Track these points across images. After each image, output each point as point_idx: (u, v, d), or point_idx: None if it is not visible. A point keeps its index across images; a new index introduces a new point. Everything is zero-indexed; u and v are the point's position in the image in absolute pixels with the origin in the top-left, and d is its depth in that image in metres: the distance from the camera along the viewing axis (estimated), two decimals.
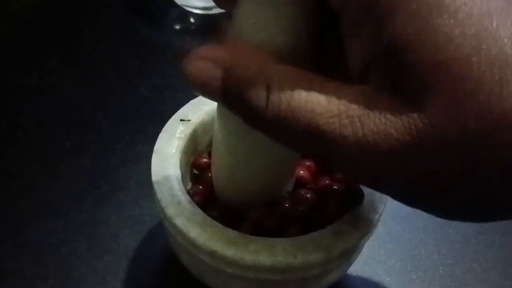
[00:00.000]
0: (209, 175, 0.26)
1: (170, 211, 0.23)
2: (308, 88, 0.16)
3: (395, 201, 0.34)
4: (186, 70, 0.18)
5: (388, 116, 0.15)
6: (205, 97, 0.18)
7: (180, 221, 0.22)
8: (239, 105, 0.17)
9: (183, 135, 0.26)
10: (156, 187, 0.24)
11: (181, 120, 0.27)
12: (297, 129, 0.16)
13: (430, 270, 0.31)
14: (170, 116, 0.39)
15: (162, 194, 0.23)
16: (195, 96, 0.41)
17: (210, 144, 0.29)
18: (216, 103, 0.23)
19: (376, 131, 0.15)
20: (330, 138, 0.16)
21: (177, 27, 0.50)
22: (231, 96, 0.17)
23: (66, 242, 0.30)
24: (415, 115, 0.14)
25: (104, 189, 0.33)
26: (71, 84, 0.41)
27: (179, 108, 0.40)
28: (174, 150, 0.25)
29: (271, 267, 0.21)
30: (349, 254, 0.23)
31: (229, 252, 0.21)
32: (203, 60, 0.18)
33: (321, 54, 0.19)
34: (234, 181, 0.24)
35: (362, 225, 0.23)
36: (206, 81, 0.17)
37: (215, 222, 0.22)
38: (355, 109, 0.15)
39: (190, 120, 0.27)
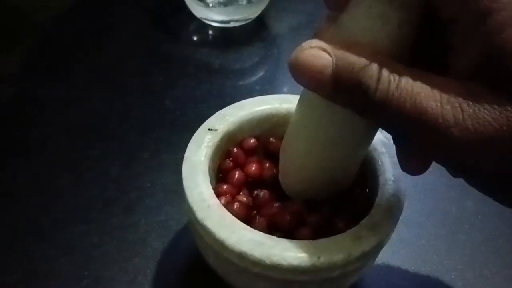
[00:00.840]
0: (234, 175, 0.28)
1: (201, 214, 0.25)
2: (414, 76, 0.18)
3: (407, 209, 0.36)
4: (297, 59, 0.19)
5: (488, 107, 0.17)
6: (312, 88, 0.20)
7: (210, 223, 0.24)
8: (349, 89, 0.19)
9: (210, 144, 0.28)
10: (187, 192, 0.26)
11: (209, 129, 0.29)
12: (403, 109, 0.18)
13: (442, 275, 0.33)
14: (192, 126, 0.40)
15: (193, 198, 0.25)
16: (215, 108, 0.44)
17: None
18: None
19: (475, 118, 0.17)
20: (432, 119, 0.17)
21: (196, 40, 0.52)
22: (341, 81, 0.19)
23: (98, 245, 0.32)
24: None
25: (131, 195, 0.35)
26: (97, 96, 0.44)
27: (200, 119, 0.42)
28: (203, 158, 0.27)
29: (296, 267, 0.23)
30: (368, 257, 0.25)
31: (256, 252, 0.23)
32: (316, 49, 0.19)
33: (419, 53, 0.21)
34: (302, 170, 0.26)
35: (380, 230, 0.25)
36: (317, 69, 0.19)
37: (243, 224, 0.24)
38: (457, 98, 0.17)
39: (217, 130, 0.29)
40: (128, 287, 0.30)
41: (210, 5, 0.51)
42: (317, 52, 0.19)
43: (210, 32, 0.52)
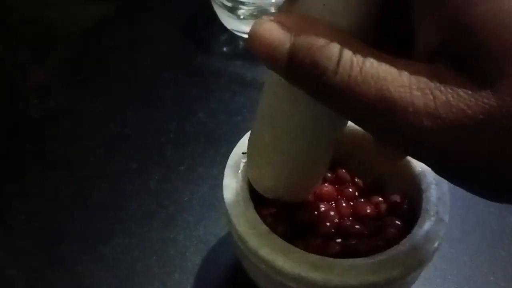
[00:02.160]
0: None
1: (253, 243, 0.25)
2: (379, 59, 0.16)
3: (448, 225, 0.35)
4: (255, 33, 0.18)
5: (461, 93, 0.15)
6: (267, 65, 0.18)
7: (264, 251, 0.24)
8: (306, 70, 0.17)
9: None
10: (234, 220, 0.25)
11: (243, 153, 0.28)
12: (367, 95, 0.16)
13: None
14: (226, 140, 0.41)
15: (241, 227, 0.25)
16: (249, 121, 0.44)
17: None
18: None
19: (448, 106, 0.15)
20: (400, 106, 0.16)
21: (228, 52, 0.53)
22: (298, 59, 0.17)
23: (140, 259, 0.32)
24: (488, 95, 0.15)
25: (170, 209, 0.36)
26: (133, 109, 0.44)
27: (234, 132, 0.43)
28: (241, 184, 0.27)
29: (357, 286, 0.23)
30: (424, 266, 0.25)
31: (317, 276, 0.23)
32: (273, 23, 0.17)
33: (383, 36, 0.19)
34: (272, 161, 0.24)
35: (432, 237, 0.25)
36: (274, 43, 0.17)
37: (296, 248, 0.24)
38: (427, 83, 0.16)
39: None
40: None
41: (241, 17, 0.51)
42: (275, 27, 0.17)
43: (241, 44, 0.53)
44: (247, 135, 0.30)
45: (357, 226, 0.27)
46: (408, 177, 0.29)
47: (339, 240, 0.27)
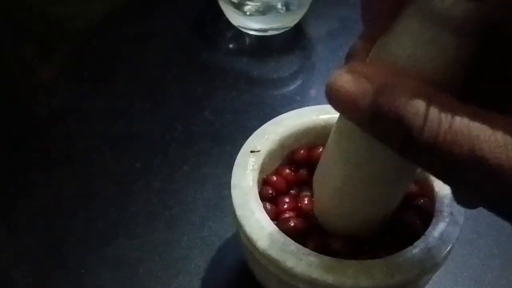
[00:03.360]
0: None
1: (263, 243, 0.24)
2: (470, 115, 0.15)
3: None
4: (334, 84, 0.17)
5: None
6: (348, 117, 0.18)
7: (275, 252, 0.23)
8: (389, 125, 0.16)
9: (256, 166, 0.28)
10: (243, 221, 0.25)
11: (251, 151, 0.28)
12: (457, 155, 0.15)
13: None
14: (232, 139, 0.41)
15: (251, 228, 0.24)
16: (255, 119, 0.43)
17: (275, 169, 0.30)
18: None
19: None
20: (495, 167, 0.15)
21: (234, 48, 0.52)
22: (381, 114, 0.16)
23: (143, 261, 0.32)
24: None
25: (174, 210, 0.35)
26: (139, 107, 0.44)
27: (240, 131, 0.42)
28: (251, 183, 0.27)
29: None
30: (439, 266, 0.24)
31: (329, 278, 0.23)
32: (355, 74, 0.17)
33: (476, 85, 0.18)
34: (340, 207, 0.24)
35: (447, 238, 0.24)
36: (355, 96, 0.17)
37: (308, 250, 0.24)
38: None
39: (260, 151, 0.28)
40: None
41: (248, 13, 0.50)
42: (356, 78, 0.17)
43: (247, 40, 0.52)
44: (255, 133, 0.29)
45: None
46: (421, 177, 0.28)
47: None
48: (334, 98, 0.17)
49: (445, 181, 0.17)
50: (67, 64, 0.50)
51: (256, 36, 0.52)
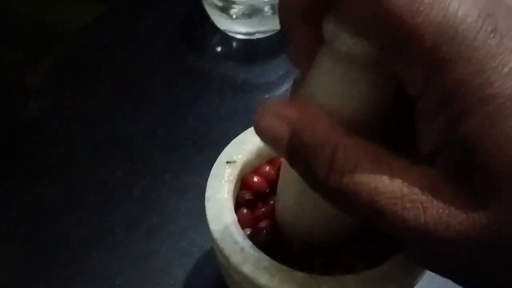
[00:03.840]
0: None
1: (236, 258, 0.23)
2: (374, 163, 0.16)
3: None
4: (258, 125, 0.19)
5: (452, 209, 0.15)
6: (270, 147, 0.19)
7: (247, 269, 0.23)
8: (302, 168, 0.18)
9: (231, 177, 0.27)
10: (216, 235, 0.24)
11: (227, 162, 0.27)
12: (358, 203, 0.16)
13: None
14: (216, 146, 0.40)
15: (224, 242, 0.24)
16: (240, 126, 0.43)
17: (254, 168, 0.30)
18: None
19: (438, 221, 0.15)
20: (391, 219, 0.16)
21: (221, 53, 0.51)
22: (295, 157, 0.18)
23: (120, 273, 0.31)
24: (480, 213, 0.15)
25: (154, 220, 0.35)
26: (122, 112, 0.43)
27: (224, 137, 0.41)
28: (226, 195, 0.26)
29: None
30: (418, 281, 0.24)
31: None
32: (274, 117, 0.18)
33: (390, 127, 0.19)
34: (299, 225, 0.25)
35: None
36: (274, 138, 0.18)
37: (282, 266, 0.23)
38: (419, 194, 0.16)
39: (236, 162, 0.28)
40: None
41: (234, 16, 0.50)
42: (275, 123, 0.18)
43: (234, 44, 0.51)
44: (233, 142, 0.29)
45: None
46: None
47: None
48: (259, 136, 0.19)
49: (355, 220, 0.19)
50: (52, 69, 0.49)
51: (242, 40, 0.51)
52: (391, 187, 0.16)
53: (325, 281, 0.23)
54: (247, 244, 0.24)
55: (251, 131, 0.29)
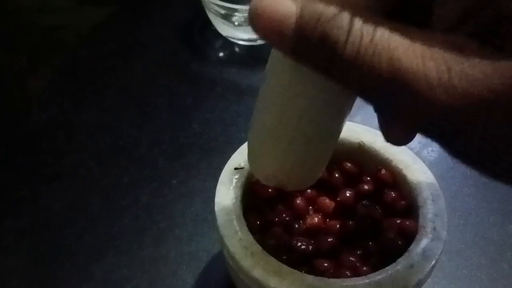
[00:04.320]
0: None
1: (246, 263, 0.24)
2: (392, 30, 0.15)
3: (446, 236, 0.34)
4: (257, 8, 0.16)
5: (478, 62, 0.14)
6: (272, 41, 0.17)
7: (258, 273, 0.24)
8: (315, 43, 0.16)
9: (239, 184, 0.28)
10: (226, 241, 0.25)
11: (235, 168, 0.28)
12: (377, 67, 0.15)
13: None
14: (221, 151, 0.41)
15: (234, 247, 0.25)
16: (244, 131, 0.43)
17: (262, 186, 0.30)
18: None
19: (463, 76, 0.14)
20: (412, 78, 0.15)
21: (223, 59, 0.52)
22: (306, 32, 0.16)
23: (129, 278, 0.32)
24: (509, 63, 0.14)
25: (161, 225, 0.35)
26: (127, 119, 0.44)
27: (229, 143, 0.42)
28: (234, 200, 0.27)
29: None
30: (422, 283, 0.24)
31: None
32: None
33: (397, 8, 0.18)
34: (273, 151, 0.23)
35: (430, 254, 0.24)
36: (279, 17, 0.16)
37: (292, 269, 0.24)
38: (441, 53, 0.15)
39: (243, 168, 0.28)
40: None
41: (236, 23, 0.50)
42: (278, 0, 0.16)
43: (237, 50, 0.52)
44: (240, 149, 0.29)
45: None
46: (404, 191, 0.28)
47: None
48: (257, 23, 0.16)
49: (370, 99, 0.17)
50: (56, 76, 0.49)
51: (245, 46, 0.52)
52: (411, 47, 0.15)
53: (333, 285, 0.23)
54: (256, 248, 0.25)
55: None
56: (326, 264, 0.25)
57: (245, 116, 0.44)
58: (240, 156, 0.29)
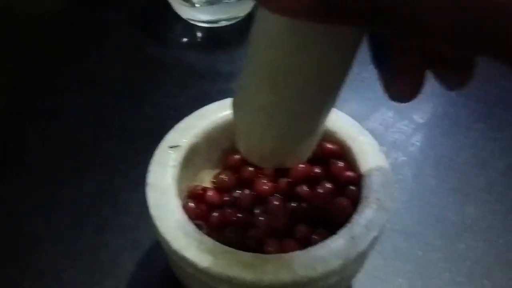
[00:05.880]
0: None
1: (178, 244, 0.23)
2: None
3: (402, 216, 0.34)
4: None
5: None
6: (298, 10, 0.15)
7: (190, 253, 0.22)
8: None
9: (176, 163, 0.26)
10: (157, 222, 0.23)
11: (170, 147, 0.26)
12: None
13: None
14: None
15: (166, 228, 0.23)
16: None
17: (202, 168, 0.29)
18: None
19: None
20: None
21: (183, 42, 0.50)
22: None
23: (68, 268, 0.30)
24: None
25: (105, 212, 0.33)
26: (77, 105, 0.42)
27: None
28: (170, 180, 0.25)
29: (291, 283, 0.21)
30: (364, 256, 0.23)
31: (248, 276, 0.21)
32: None
33: None
34: (268, 130, 0.21)
35: (373, 226, 0.23)
36: None
37: (226, 247, 0.22)
38: None
39: (179, 146, 0.27)
40: None
41: (196, 4, 0.48)
42: None
43: (198, 33, 0.50)
44: (176, 127, 0.28)
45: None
46: (350, 163, 0.27)
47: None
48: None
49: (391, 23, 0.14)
50: (4, 62, 0.47)
51: (205, 28, 0.50)
52: None
53: (270, 260, 0.22)
54: (190, 228, 0.23)
55: (196, 115, 0.29)
56: (267, 241, 0.24)
57: (202, 100, 0.42)
58: (176, 134, 0.27)
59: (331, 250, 0.22)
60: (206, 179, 0.29)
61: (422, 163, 0.37)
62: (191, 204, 0.26)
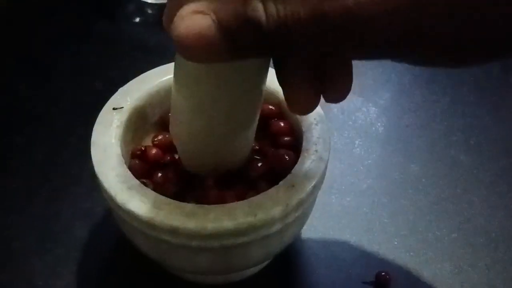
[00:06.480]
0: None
1: (121, 197, 0.23)
2: None
3: (349, 177, 0.35)
4: (179, 36, 0.17)
5: None
6: (208, 57, 0.18)
7: (133, 205, 0.23)
8: (243, 33, 0.17)
9: (119, 123, 0.26)
10: (101, 177, 0.24)
11: (113, 108, 0.27)
12: (301, 21, 0.17)
13: (385, 242, 0.32)
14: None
15: (109, 183, 0.23)
16: None
17: (146, 130, 0.29)
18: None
19: None
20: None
21: (133, 19, 0.50)
22: (231, 29, 0.17)
23: (18, 237, 0.30)
24: None
25: (56, 183, 0.33)
26: (26, 80, 0.41)
27: None
28: (113, 140, 0.25)
29: (233, 230, 0.22)
30: (306, 204, 0.24)
31: (191, 224, 0.22)
32: (189, 16, 0.17)
33: None
34: (207, 147, 0.24)
35: (312, 175, 0.24)
36: (203, 32, 0.17)
37: (169, 199, 0.23)
38: None
39: (122, 108, 0.27)
40: (47, 279, 0.28)
41: None
42: (192, 18, 0.17)
43: (149, 10, 0.50)
44: (120, 90, 0.29)
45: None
46: (290, 120, 0.28)
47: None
48: (186, 49, 0.17)
49: (306, 51, 0.18)
50: None
51: (156, 5, 0.50)
52: None
53: (213, 209, 0.23)
54: (134, 183, 0.23)
55: (140, 79, 0.29)
56: (211, 192, 0.25)
57: None
58: (120, 97, 0.27)
59: (272, 197, 0.23)
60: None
61: (368, 128, 0.39)
62: (136, 162, 0.26)
